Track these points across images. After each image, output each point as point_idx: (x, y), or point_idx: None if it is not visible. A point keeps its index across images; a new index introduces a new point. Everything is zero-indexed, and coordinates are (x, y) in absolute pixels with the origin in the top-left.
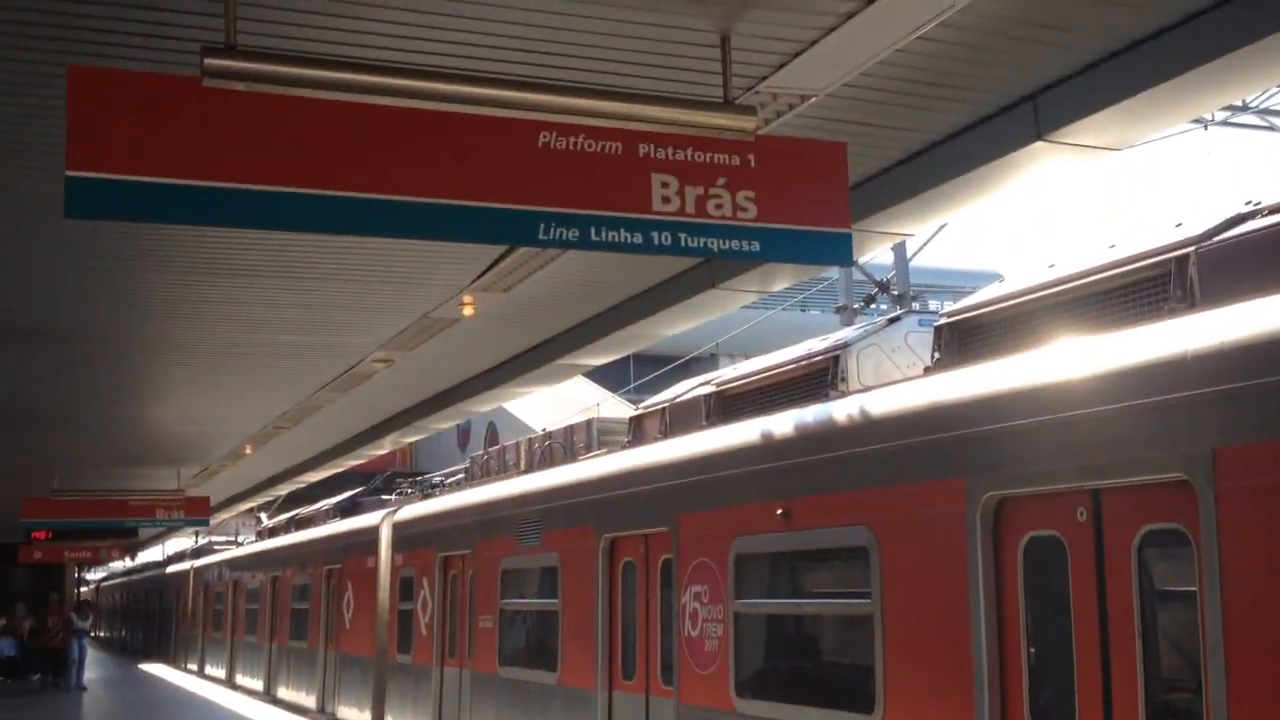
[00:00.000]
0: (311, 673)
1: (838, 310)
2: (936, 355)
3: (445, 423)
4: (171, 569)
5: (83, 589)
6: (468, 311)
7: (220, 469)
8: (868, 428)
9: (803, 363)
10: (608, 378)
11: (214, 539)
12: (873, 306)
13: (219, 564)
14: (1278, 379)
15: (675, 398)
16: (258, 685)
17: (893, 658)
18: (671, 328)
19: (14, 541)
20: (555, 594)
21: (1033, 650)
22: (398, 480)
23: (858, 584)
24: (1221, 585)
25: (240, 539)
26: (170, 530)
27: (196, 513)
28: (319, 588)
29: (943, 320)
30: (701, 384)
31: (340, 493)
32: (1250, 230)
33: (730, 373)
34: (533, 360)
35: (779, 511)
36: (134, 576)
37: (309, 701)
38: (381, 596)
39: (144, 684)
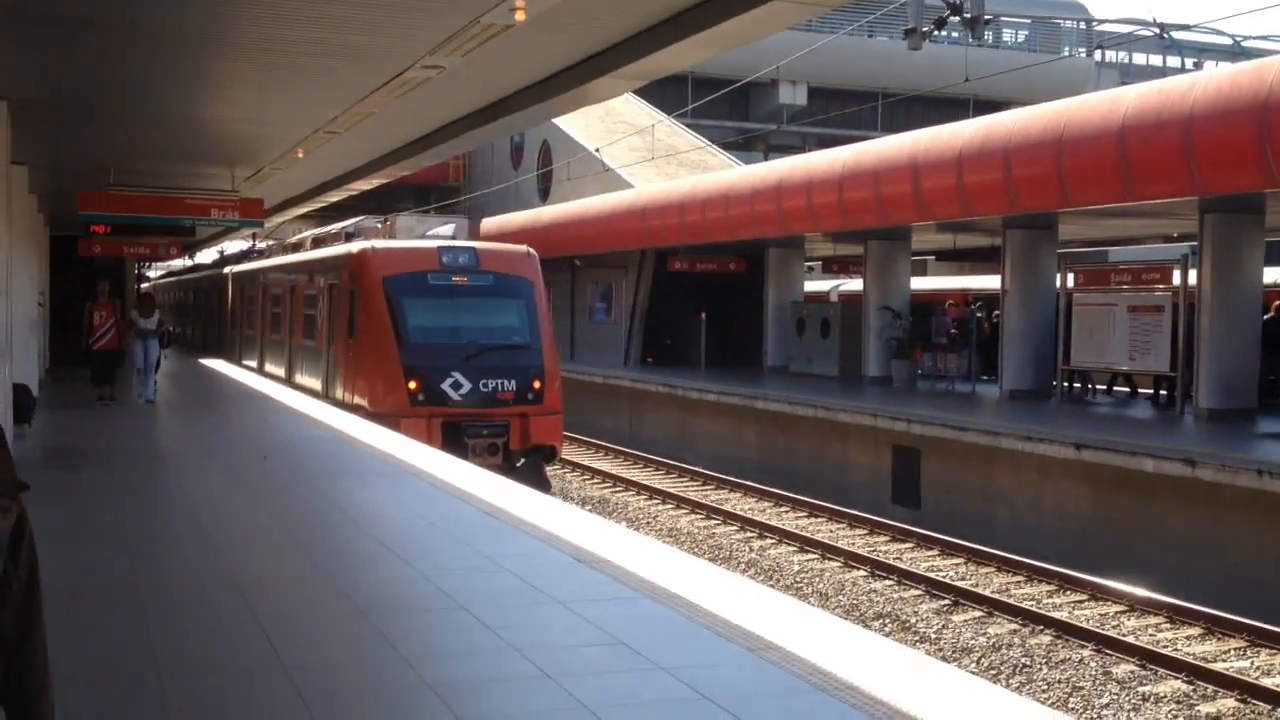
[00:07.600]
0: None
1: (906, 34)
2: None
3: (495, 136)
4: (210, 272)
5: (143, 285)
6: (519, 16)
7: (273, 173)
8: None
9: None
10: (664, 100)
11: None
12: (943, 32)
13: (253, 270)
14: None
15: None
16: (280, 373)
17: None
18: (729, 43)
19: (73, 235)
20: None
21: None
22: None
23: None
24: None
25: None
26: (228, 231)
27: (251, 214)
28: (284, 299)
29: None
30: None
31: (388, 204)
32: None
33: None
34: (584, 73)
35: None
36: (188, 276)
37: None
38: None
39: (212, 382)
